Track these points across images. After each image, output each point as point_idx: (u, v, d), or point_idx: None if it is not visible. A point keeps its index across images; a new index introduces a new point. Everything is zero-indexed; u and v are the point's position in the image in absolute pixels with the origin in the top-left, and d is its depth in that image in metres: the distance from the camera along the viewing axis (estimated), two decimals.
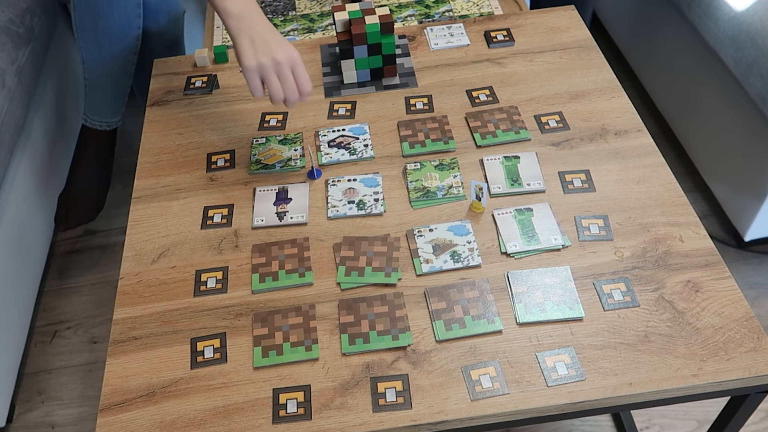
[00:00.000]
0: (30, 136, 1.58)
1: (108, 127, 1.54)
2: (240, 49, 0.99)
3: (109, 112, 1.52)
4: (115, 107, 1.52)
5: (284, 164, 1.07)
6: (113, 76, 1.46)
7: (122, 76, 1.47)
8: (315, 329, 0.87)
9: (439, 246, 0.94)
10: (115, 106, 1.52)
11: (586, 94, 1.14)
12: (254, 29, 0.99)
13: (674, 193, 0.99)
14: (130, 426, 0.80)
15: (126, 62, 1.44)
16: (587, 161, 1.04)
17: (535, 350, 0.83)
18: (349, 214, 1.00)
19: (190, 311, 0.90)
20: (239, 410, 0.81)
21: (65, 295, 1.65)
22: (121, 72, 1.46)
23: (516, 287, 0.89)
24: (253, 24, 0.99)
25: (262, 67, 0.99)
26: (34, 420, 1.44)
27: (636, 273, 0.90)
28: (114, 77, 1.47)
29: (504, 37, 1.26)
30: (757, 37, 1.34)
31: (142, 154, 1.11)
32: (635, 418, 1.35)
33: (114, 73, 1.46)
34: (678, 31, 1.67)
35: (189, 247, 0.98)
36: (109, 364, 0.86)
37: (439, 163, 1.05)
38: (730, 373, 0.80)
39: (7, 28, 1.46)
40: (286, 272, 0.93)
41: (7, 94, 1.39)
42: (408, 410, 0.79)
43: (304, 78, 1.01)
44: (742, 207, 1.53)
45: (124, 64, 1.45)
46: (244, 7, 1.00)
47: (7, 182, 1.44)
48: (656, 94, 1.86)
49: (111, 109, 1.52)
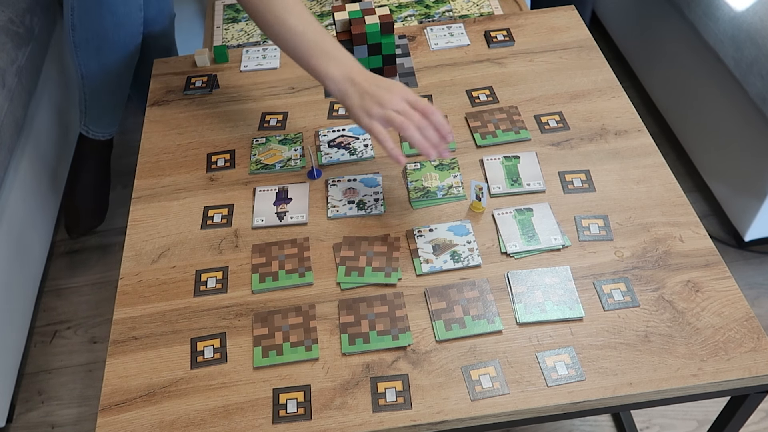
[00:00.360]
0: (30, 136, 1.58)
1: (109, 136, 1.57)
2: (353, 111, 0.94)
3: (111, 122, 1.55)
4: (116, 117, 1.55)
5: (284, 164, 1.07)
6: (115, 88, 1.49)
7: (123, 87, 1.50)
8: (315, 329, 0.87)
9: (439, 246, 0.94)
10: (116, 115, 1.55)
11: (586, 94, 1.14)
12: (361, 86, 0.93)
13: (674, 193, 0.99)
14: (130, 426, 0.80)
15: (127, 74, 1.47)
16: (587, 161, 1.04)
17: (535, 350, 0.83)
18: (349, 214, 1.00)
19: (190, 311, 0.90)
20: (239, 410, 0.81)
21: (65, 295, 1.65)
22: (122, 84, 1.49)
23: (516, 287, 0.89)
24: (358, 81, 0.94)
25: (383, 119, 0.92)
26: (34, 420, 1.44)
27: (636, 273, 0.90)
28: (115, 89, 1.49)
29: (504, 37, 1.26)
30: (757, 37, 1.34)
31: (142, 154, 1.11)
32: (635, 418, 1.35)
33: (115, 85, 1.48)
34: (678, 31, 1.67)
35: (189, 247, 0.98)
36: (109, 364, 0.86)
37: (439, 163, 1.05)
38: (730, 373, 0.80)
39: (7, 28, 1.46)
40: (286, 272, 0.93)
41: (7, 94, 1.39)
42: (408, 410, 0.79)
43: (436, 119, 0.91)
44: (742, 207, 1.53)
45: (126, 75, 1.47)
46: (347, 68, 0.95)
47: (7, 182, 1.44)
48: (656, 94, 1.86)
49: (112, 119, 1.54)
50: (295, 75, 1.22)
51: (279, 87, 1.21)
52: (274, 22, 0.98)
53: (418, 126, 0.91)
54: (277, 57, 1.26)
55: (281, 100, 1.18)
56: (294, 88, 1.20)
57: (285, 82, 1.21)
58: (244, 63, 1.25)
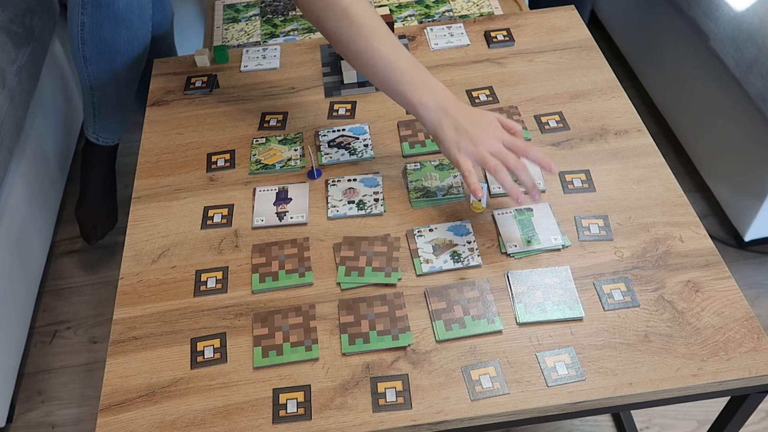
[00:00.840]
0: (30, 136, 1.58)
1: (118, 141, 1.58)
2: (446, 144, 0.92)
3: (119, 128, 1.56)
4: (124, 121, 1.56)
5: (284, 164, 1.07)
6: (124, 95, 1.49)
7: (131, 92, 1.51)
8: (315, 329, 0.87)
9: (439, 246, 0.94)
10: (124, 119, 1.56)
11: (586, 94, 1.14)
12: (455, 119, 0.91)
13: (674, 193, 0.99)
14: (130, 426, 0.80)
15: (136, 80, 1.48)
16: (587, 161, 1.04)
17: (535, 350, 0.83)
18: (349, 214, 1.00)
19: (190, 311, 0.90)
20: (239, 410, 0.81)
21: (65, 295, 1.65)
22: (131, 89, 1.50)
23: (516, 287, 0.89)
24: (452, 113, 0.92)
25: (474, 158, 0.90)
26: (34, 420, 1.44)
27: (636, 273, 0.90)
28: (125, 96, 1.49)
29: (504, 37, 1.26)
30: (757, 37, 1.34)
31: (142, 154, 1.11)
32: (635, 418, 1.35)
33: (124, 92, 1.48)
34: (678, 31, 1.67)
35: (189, 247, 0.98)
36: (109, 364, 0.86)
37: (439, 163, 1.05)
38: (730, 373, 0.80)
39: (7, 28, 1.46)
40: (286, 272, 0.93)
41: (7, 94, 1.39)
42: (408, 410, 0.79)
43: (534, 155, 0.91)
44: (742, 207, 1.53)
45: (134, 81, 1.48)
46: (440, 97, 0.93)
47: (7, 182, 1.44)
48: (656, 94, 1.86)
49: (120, 124, 1.55)
50: (295, 75, 1.22)
51: (279, 87, 1.21)
52: (365, 50, 0.96)
53: (514, 168, 0.90)
54: (277, 57, 1.26)
55: (281, 100, 1.18)
56: (294, 88, 1.20)
57: (285, 82, 1.22)
58: (244, 63, 1.25)
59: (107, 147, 1.56)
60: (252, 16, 1.51)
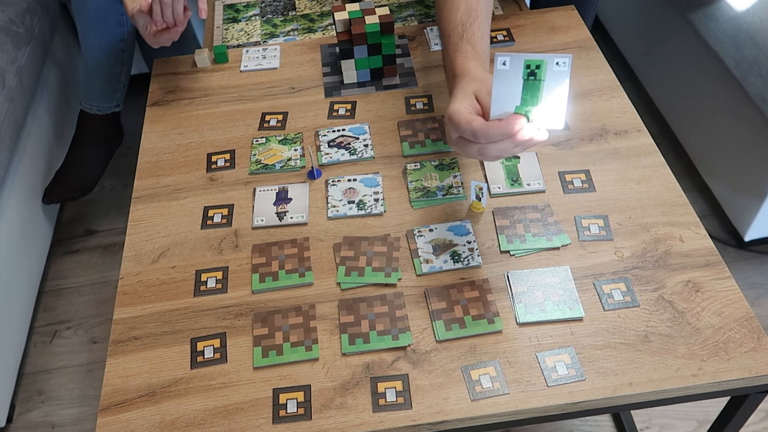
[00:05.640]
0: (30, 136, 1.58)
1: (99, 112, 1.59)
2: None
3: (102, 98, 1.57)
4: (108, 94, 1.56)
5: (284, 164, 1.07)
6: (104, 62, 1.50)
7: (113, 64, 1.52)
8: (315, 329, 0.87)
9: (439, 246, 0.94)
10: (107, 93, 1.56)
11: (586, 94, 1.14)
12: None
13: (674, 193, 0.99)
14: (130, 426, 0.80)
15: (114, 50, 1.49)
16: (587, 161, 1.04)
17: (535, 350, 0.83)
18: (349, 214, 1.00)
19: (190, 311, 0.90)
20: (239, 410, 0.81)
21: (65, 295, 1.65)
22: (112, 59, 1.51)
23: (516, 287, 0.89)
24: None
25: None
26: (34, 420, 1.44)
27: (636, 273, 0.90)
28: (105, 64, 1.51)
29: (504, 37, 1.26)
30: (757, 37, 1.34)
31: (142, 154, 1.11)
32: (635, 418, 1.35)
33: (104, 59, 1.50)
34: (678, 31, 1.67)
35: (189, 247, 0.98)
36: (109, 364, 0.86)
37: (439, 163, 1.05)
38: (730, 373, 0.80)
39: (7, 28, 1.46)
40: (286, 272, 0.93)
41: (7, 94, 1.39)
42: (408, 410, 0.79)
43: None
44: (742, 207, 1.53)
45: (113, 51, 1.49)
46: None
47: (8, 182, 1.44)
48: (656, 94, 1.87)
49: (104, 96, 1.56)
50: (295, 75, 1.22)
51: (279, 87, 1.21)
52: None
53: None
54: (277, 57, 1.26)
55: (281, 100, 1.18)
56: (294, 88, 1.20)
57: (285, 82, 1.22)
58: (244, 63, 1.25)
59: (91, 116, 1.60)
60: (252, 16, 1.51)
